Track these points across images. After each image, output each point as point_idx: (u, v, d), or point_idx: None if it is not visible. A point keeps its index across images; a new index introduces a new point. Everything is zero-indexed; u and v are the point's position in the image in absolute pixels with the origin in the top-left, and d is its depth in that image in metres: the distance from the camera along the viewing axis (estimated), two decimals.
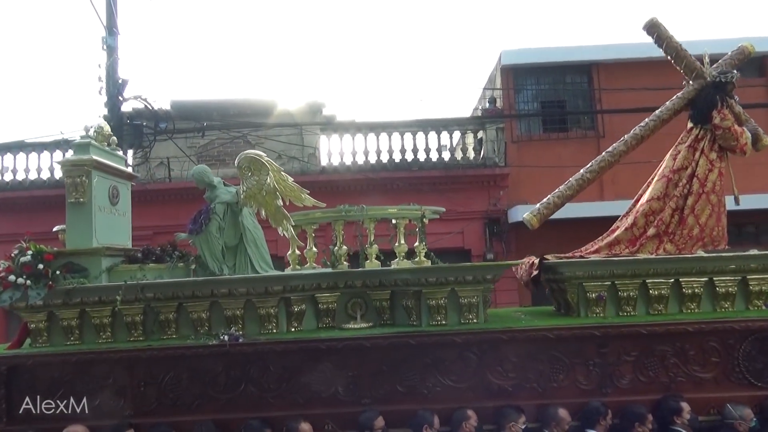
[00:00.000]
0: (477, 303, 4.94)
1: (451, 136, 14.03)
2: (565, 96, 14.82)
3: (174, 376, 4.78)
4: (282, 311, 5.04)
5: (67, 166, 5.23)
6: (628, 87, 13.05)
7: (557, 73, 14.60)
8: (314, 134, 13.76)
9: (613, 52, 14.04)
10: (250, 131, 13.38)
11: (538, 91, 14.83)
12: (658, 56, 14.13)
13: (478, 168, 13.83)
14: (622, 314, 5.04)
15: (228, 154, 13.98)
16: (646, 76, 13.45)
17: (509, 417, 4.53)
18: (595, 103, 14.17)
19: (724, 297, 5.03)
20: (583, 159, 13.54)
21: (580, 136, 14.17)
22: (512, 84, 14.43)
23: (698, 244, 5.27)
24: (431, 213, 5.82)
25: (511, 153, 13.89)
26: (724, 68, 5.50)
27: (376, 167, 13.63)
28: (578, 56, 14.21)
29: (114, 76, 10.74)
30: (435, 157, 13.80)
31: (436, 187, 13.10)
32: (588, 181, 5.58)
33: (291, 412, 4.67)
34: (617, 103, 13.30)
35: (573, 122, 14.54)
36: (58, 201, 12.94)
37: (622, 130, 13.36)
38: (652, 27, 5.56)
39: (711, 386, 4.72)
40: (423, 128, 13.88)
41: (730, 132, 5.23)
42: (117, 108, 10.90)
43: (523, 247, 13.04)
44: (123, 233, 5.75)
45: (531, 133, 14.38)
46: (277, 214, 5.30)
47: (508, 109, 14.17)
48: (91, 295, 4.93)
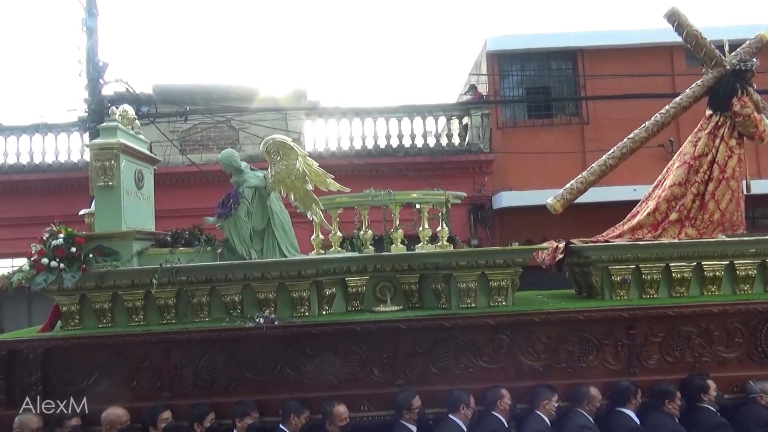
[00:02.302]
0: (507, 286, 5.05)
1: (437, 121, 14.08)
2: (550, 82, 14.91)
3: (210, 358, 4.83)
4: (314, 294, 5.10)
5: (96, 150, 5.23)
6: (613, 73, 13.21)
7: (542, 59, 14.67)
8: (299, 119, 13.74)
9: (598, 39, 14.18)
10: (233, 116, 13.32)
11: (523, 77, 14.87)
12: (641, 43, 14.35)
13: (463, 154, 13.92)
14: (645, 297, 5.18)
15: (211, 138, 13.95)
16: (630, 63, 13.66)
17: (543, 395, 4.66)
18: (579, 90, 14.29)
19: (744, 280, 5.20)
20: (568, 145, 14.00)
21: (564, 123, 14.31)
22: (497, 70, 14.47)
23: (718, 228, 5.43)
24: (454, 198, 5.91)
25: (496, 139, 14.01)
26: (742, 56, 5.64)
27: (361, 153, 13.65)
28: (563, 42, 14.31)
29: (94, 59, 10.52)
30: (420, 143, 13.87)
31: (421, 173, 13.18)
32: (610, 167, 5.69)
33: (327, 393, 4.75)
34: (601, 89, 13.45)
35: (558, 109, 14.63)
36: (36, 186, 13.00)
37: (605, 117, 13.82)
38: (672, 15, 5.67)
39: (734, 366, 4.89)
40: (408, 114, 13.92)
41: (750, 119, 5.38)
42: (97, 91, 10.68)
43: (508, 233, 13.21)
44: (148, 217, 5.77)
45: (516, 119, 14.47)
46: (306, 198, 5.36)
47: (494, 95, 14.23)
48: (125, 278, 4.96)
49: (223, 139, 13.97)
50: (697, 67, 14.00)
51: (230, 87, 13.98)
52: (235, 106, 13.05)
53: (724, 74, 5.59)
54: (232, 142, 13.92)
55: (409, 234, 5.84)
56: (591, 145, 13.69)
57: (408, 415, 4.59)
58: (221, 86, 14.00)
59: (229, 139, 13.95)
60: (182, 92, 13.37)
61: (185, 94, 13.34)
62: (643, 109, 12.90)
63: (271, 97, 13.61)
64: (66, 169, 13.36)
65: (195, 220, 5.95)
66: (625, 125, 13.14)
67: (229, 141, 13.95)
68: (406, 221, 5.89)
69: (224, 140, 13.94)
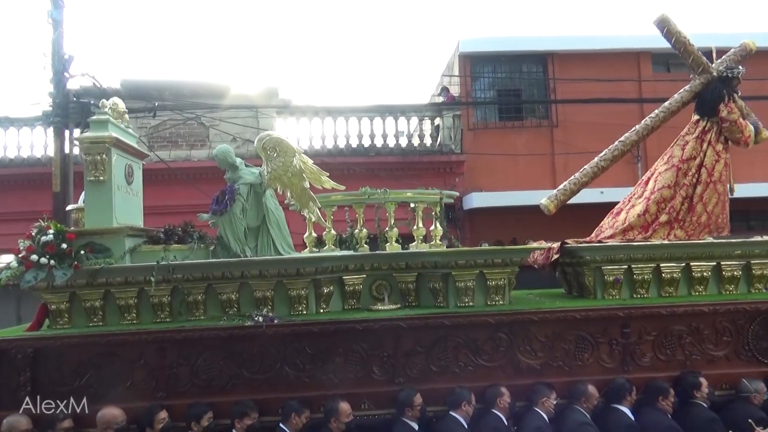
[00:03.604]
0: (504, 285, 5.10)
1: (409, 122, 14.17)
2: (521, 85, 15.16)
3: (208, 357, 4.75)
4: (312, 293, 5.07)
5: (87, 143, 5.08)
6: (582, 77, 13.50)
7: (514, 62, 14.95)
8: (270, 117, 13.68)
9: (568, 43, 14.55)
10: (204, 113, 13.19)
11: (494, 79, 15.13)
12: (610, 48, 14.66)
13: (435, 155, 14.08)
14: (636, 296, 5.31)
15: (180, 135, 13.75)
16: (598, 68, 13.99)
17: (542, 393, 4.73)
18: (549, 93, 14.57)
19: (730, 280, 5.38)
20: (537, 147, 14.26)
21: (534, 125, 14.61)
22: (469, 72, 14.69)
23: (705, 230, 5.61)
24: (447, 197, 5.96)
25: (467, 140, 14.20)
26: (729, 64, 5.84)
27: (333, 152, 13.64)
28: (534, 46, 14.62)
29: (59, 52, 10.24)
30: (392, 143, 13.94)
31: (393, 173, 13.23)
32: (602, 168, 5.82)
33: (327, 392, 4.72)
34: (571, 93, 13.73)
35: (528, 111, 14.93)
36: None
37: (574, 120, 14.12)
38: (662, 22, 5.82)
39: (723, 363, 5.05)
40: (380, 114, 14.00)
41: (736, 125, 5.57)
42: (62, 85, 10.41)
43: (478, 234, 13.39)
44: (137, 214, 5.65)
45: (487, 121, 14.70)
46: (303, 195, 5.33)
47: (465, 96, 14.42)
48: (119, 275, 4.83)
49: (192, 136, 13.79)
50: (662, 73, 14.62)
51: (200, 83, 13.82)
52: (206, 102, 12.90)
53: (711, 81, 5.78)
54: (202, 140, 13.76)
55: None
56: (560, 147, 13.99)
57: (410, 412, 4.61)
58: (191, 82, 13.82)
59: (198, 137, 13.78)
60: (151, 88, 13.10)
61: (154, 89, 13.07)
62: (610, 114, 13.34)
63: (243, 95, 13.49)
64: (29, 165, 12.99)
65: (165, 218, 5.86)
66: (594, 129, 13.61)
67: (198, 138, 13.78)
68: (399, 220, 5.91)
69: (194, 137, 13.77)
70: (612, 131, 13.28)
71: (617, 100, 13.09)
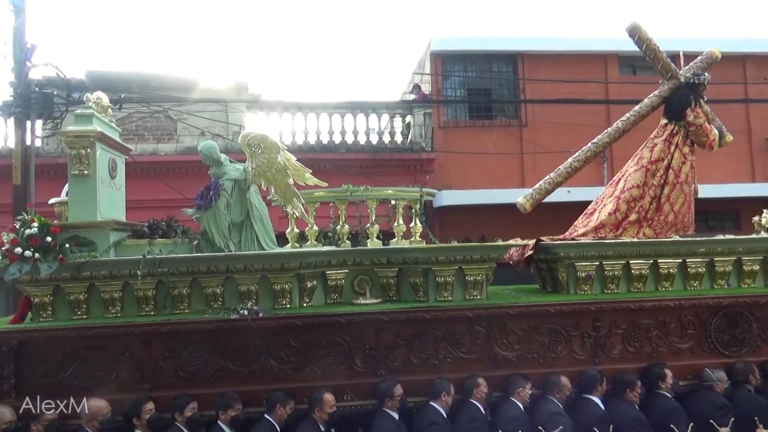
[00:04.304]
0: (482, 280, 5.28)
1: (380, 119, 14.17)
2: (491, 84, 15.36)
3: (193, 350, 4.83)
4: (295, 287, 5.18)
5: (71, 137, 5.10)
6: (550, 78, 13.76)
7: (484, 61, 15.10)
8: (239, 112, 13.55)
9: (537, 44, 14.77)
10: (171, 106, 13.02)
11: (465, 78, 15.27)
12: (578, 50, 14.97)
13: (405, 152, 14.10)
14: (606, 292, 5.54)
15: (147, 128, 13.58)
16: (567, 69, 14.28)
17: (517, 384, 4.93)
18: (519, 93, 14.80)
19: (694, 277, 5.65)
20: (506, 147, 14.52)
21: (504, 125, 14.79)
22: (440, 70, 14.79)
23: (672, 229, 5.89)
24: (427, 195, 6.12)
25: (438, 138, 14.31)
26: (695, 70, 6.12)
27: (303, 148, 13.59)
28: (504, 46, 14.77)
29: (21, 40, 9.99)
30: (363, 139, 13.94)
31: (363, 170, 13.26)
32: (576, 169, 6.04)
33: (310, 383, 4.85)
34: (539, 93, 13.98)
35: (498, 110, 15.12)
36: None
37: (543, 120, 14.44)
38: (634, 29, 6.07)
39: (687, 355, 5.32)
40: (351, 110, 13.96)
41: (702, 129, 5.85)
42: (24, 74, 10.17)
43: (447, 231, 13.56)
44: (120, 208, 5.68)
45: (457, 119, 14.82)
46: (287, 191, 5.41)
47: (436, 94, 14.53)
48: (104, 269, 4.88)
49: (159, 129, 13.62)
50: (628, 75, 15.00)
51: (168, 76, 13.62)
52: (174, 95, 12.75)
53: (679, 86, 6.04)
54: (170, 133, 13.62)
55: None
56: (529, 147, 14.25)
57: (390, 402, 4.77)
58: (159, 75, 13.63)
59: (166, 130, 13.63)
60: (117, 79, 12.90)
61: (120, 81, 12.87)
62: (577, 114, 13.66)
63: (212, 89, 13.35)
64: None
65: (131, 213, 5.86)
66: (561, 129, 13.94)
67: (166, 131, 13.63)
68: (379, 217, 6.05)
69: (161, 130, 13.61)
70: (579, 131, 13.74)
71: (585, 101, 13.41)
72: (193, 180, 12.56)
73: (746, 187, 14.16)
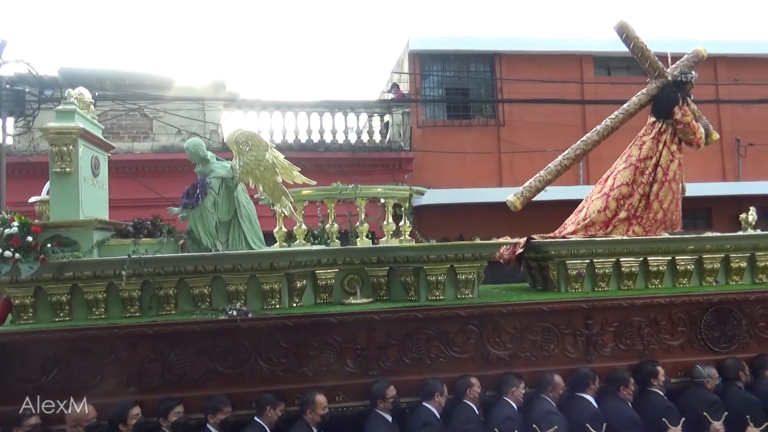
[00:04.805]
0: (473, 279, 5.23)
1: (358, 118, 14.07)
2: (469, 84, 15.40)
3: (180, 352, 4.70)
4: (285, 287, 5.08)
5: (53, 134, 4.94)
6: (527, 78, 13.83)
7: (462, 61, 15.13)
8: (217, 110, 13.39)
9: (515, 44, 14.83)
10: (147, 104, 12.85)
11: (443, 77, 15.29)
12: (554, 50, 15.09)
13: (384, 151, 14.03)
14: (597, 289, 5.53)
15: (122, 126, 13.34)
16: (543, 69, 14.38)
17: (511, 383, 4.89)
18: (496, 93, 14.85)
19: (683, 274, 5.67)
20: (484, 146, 14.55)
21: (482, 124, 14.82)
22: (419, 69, 14.80)
23: (661, 226, 5.91)
24: (416, 193, 6.06)
25: (416, 138, 14.28)
26: (682, 69, 6.15)
27: (281, 147, 13.33)
28: (482, 46, 14.82)
29: None
30: (341, 139, 13.86)
31: (342, 169, 13.18)
32: (565, 167, 6.02)
33: (301, 385, 4.76)
34: (517, 93, 14.02)
35: (476, 110, 15.17)
36: None
37: (520, 120, 14.51)
38: (622, 28, 6.07)
39: (678, 352, 5.33)
40: (330, 109, 13.86)
41: (689, 127, 5.88)
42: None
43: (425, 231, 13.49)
44: (103, 207, 5.53)
45: (436, 119, 14.83)
46: (275, 190, 5.32)
47: (415, 94, 14.53)
48: (87, 269, 4.74)
49: (135, 127, 13.37)
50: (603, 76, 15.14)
51: (144, 74, 13.41)
52: (149, 93, 12.59)
53: (666, 84, 6.06)
54: (145, 131, 13.38)
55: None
56: (506, 146, 14.29)
57: (383, 404, 4.69)
58: (134, 73, 13.39)
59: (141, 128, 13.39)
60: (91, 77, 12.62)
61: (94, 78, 12.61)
62: (554, 114, 13.77)
63: (188, 87, 13.17)
64: None
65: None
66: (538, 128, 14.03)
67: (141, 130, 13.39)
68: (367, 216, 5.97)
69: (136, 129, 13.37)
70: (555, 131, 13.86)
71: (561, 101, 13.53)
72: (168, 179, 12.45)
73: (717, 186, 14.37)
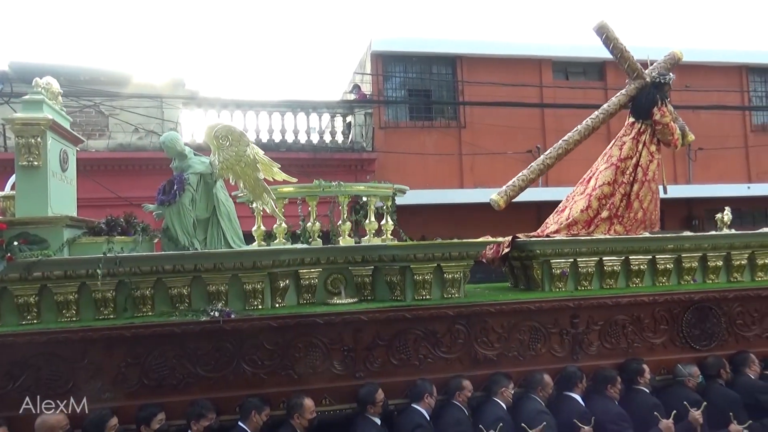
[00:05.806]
0: (460, 278, 5.16)
1: (320, 118, 13.95)
2: (431, 86, 15.44)
3: (159, 355, 4.47)
4: (267, 287, 4.90)
5: (19, 125, 4.66)
6: (488, 81, 13.99)
7: (424, 63, 15.18)
8: (176, 108, 13.08)
9: (476, 47, 14.95)
10: (103, 101, 12.45)
11: (405, 79, 15.31)
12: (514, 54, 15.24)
13: (346, 152, 13.97)
14: (580, 288, 5.53)
15: (77, 124, 12.76)
16: (504, 72, 14.54)
17: (500, 383, 4.82)
18: (458, 95, 14.93)
19: (663, 273, 5.73)
20: (446, 147, 14.61)
21: (443, 126, 14.88)
22: (381, 70, 14.79)
23: (641, 226, 5.95)
24: (399, 192, 5.96)
25: (379, 138, 14.24)
26: (660, 71, 6.22)
27: None
28: (444, 48, 14.90)
29: None
30: (303, 138, 13.71)
31: (304, 170, 13.01)
32: (548, 166, 6.01)
33: (286, 388, 4.59)
34: (477, 96, 14.12)
35: (437, 112, 15.23)
36: None
37: (481, 122, 14.60)
38: (601, 29, 6.10)
39: (661, 350, 5.37)
40: (292, 109, 13.70)
41: (668, 127, 5.95)
42: None
43: None
44: (72, 203, 5.24)
45: (398, 120, 14.83)
46: (257, 186, 5.14)
47: (377, 95, 14.49)
48: (58, 269, 4.47)
49: (90, 124, 12.92)
50: (561, 80, 15.35)
51: (99, 70, 12.99)
52: (105, 90, 12.18)
53: (645, 86, 6.12)
54: (101, 129, 12.96)
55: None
56: (467, 148, 14.37)
57: (372, 408, 4.57)
58: (89, 69, 12.95)
59: (97, 125, 12.96)
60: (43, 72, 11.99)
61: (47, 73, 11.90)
62: (513, 117, 13.93)
63: (146, 84, 12.80)
64: None
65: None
66: (498, 130, 14.15)
67: (97, 127, 12.96)
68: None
69: (92, 126, 12.92)
70: (515, 133, 14.00)
71: (521, 104, 13.66)
72: (126, 178, 12.07)
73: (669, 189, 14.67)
